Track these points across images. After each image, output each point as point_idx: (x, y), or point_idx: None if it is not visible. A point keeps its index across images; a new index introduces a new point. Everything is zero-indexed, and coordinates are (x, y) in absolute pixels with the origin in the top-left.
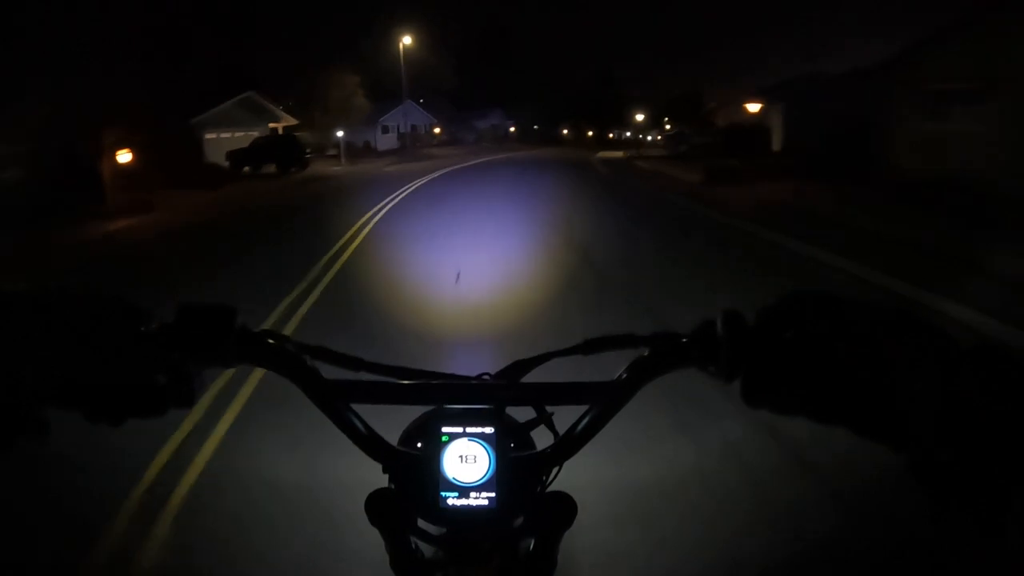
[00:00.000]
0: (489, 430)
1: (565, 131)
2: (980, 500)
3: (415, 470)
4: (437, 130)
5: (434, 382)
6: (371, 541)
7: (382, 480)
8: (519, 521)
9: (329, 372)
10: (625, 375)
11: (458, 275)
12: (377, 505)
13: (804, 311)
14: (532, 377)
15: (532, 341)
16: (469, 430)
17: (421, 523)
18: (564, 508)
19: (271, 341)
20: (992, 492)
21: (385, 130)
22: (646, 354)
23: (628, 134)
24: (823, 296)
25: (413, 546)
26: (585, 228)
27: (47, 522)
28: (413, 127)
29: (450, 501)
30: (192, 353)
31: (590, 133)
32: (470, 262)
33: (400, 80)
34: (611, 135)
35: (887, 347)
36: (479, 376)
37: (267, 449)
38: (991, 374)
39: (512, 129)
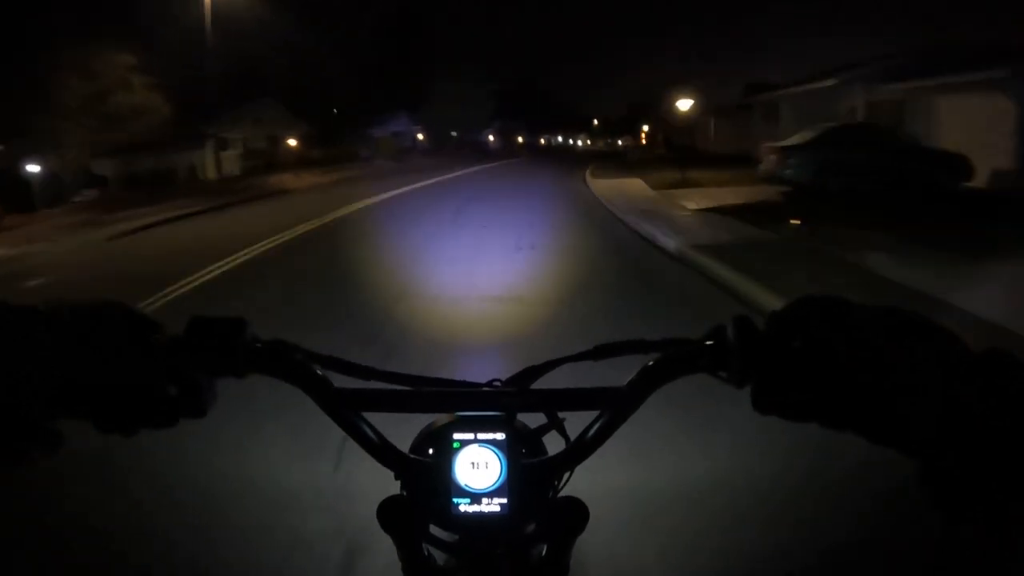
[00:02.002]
0: (500, 436)
1: (491, 138)
2: (980, 510)
3: (427, 477)
4: (292, 142)
5: (445, 389)
6: (383, 548)
7: (392, 487)
8: (531, 527)
9: (340, 381)
10: (636, 380)
11: None
12: (389, 512)
13: (812, 316)
14: (543, 383)
15: None
16: (480, 437)
17: (433, 529)
18: (576, 514)
19: (282, 351)
20: (992, 503)
21: (224, 145)
22: (657, 359)
23: (560, 139)
24: (832, 300)
25: (426, 553)
26: None
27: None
28: (272, 140)
29: (462, 507)
30: (202, 363)
31: (520, 140)
32: None
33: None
34: (542, 141)
35: (889, 351)
36: (490, 383)
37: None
38: (993, 384)
39: (420, 137)
